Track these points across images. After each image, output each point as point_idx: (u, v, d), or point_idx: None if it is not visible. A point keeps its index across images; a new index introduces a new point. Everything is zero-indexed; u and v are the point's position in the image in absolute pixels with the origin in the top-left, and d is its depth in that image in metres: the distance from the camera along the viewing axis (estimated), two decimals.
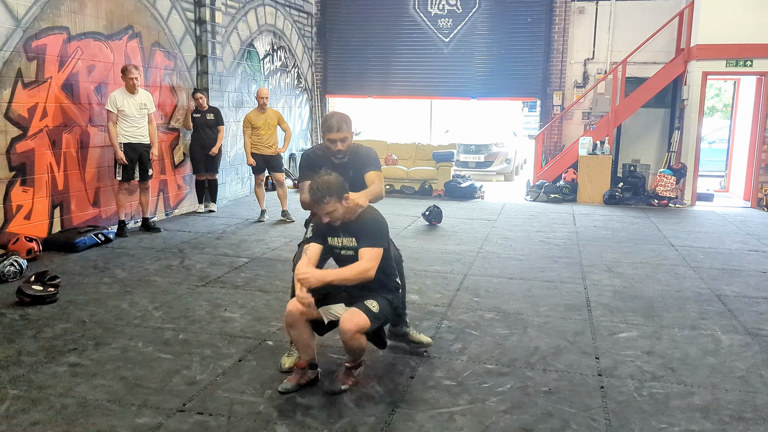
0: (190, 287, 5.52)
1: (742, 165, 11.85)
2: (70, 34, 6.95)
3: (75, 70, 7.05)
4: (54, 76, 6.76)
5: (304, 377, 3.62)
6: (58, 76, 6.81)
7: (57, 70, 6.79)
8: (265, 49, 11.45)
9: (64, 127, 6.94)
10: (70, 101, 7.02)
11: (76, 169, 7.16)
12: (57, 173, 6.89)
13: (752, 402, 3.53)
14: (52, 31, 6.70)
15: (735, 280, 6.06)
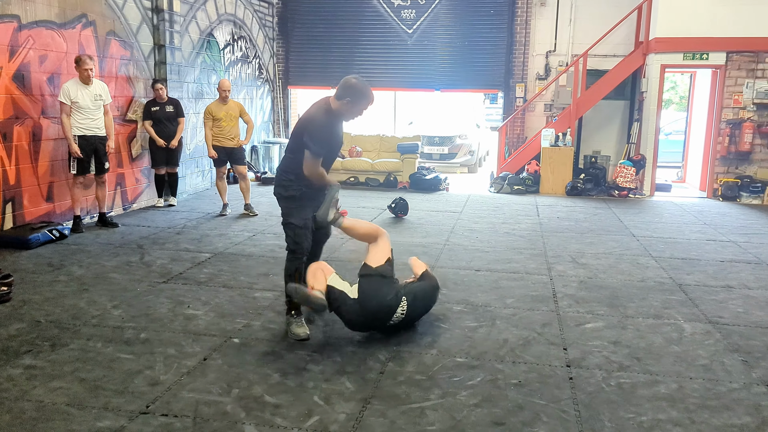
0: (151, 284, 5.37)
1: (698, 156, 12.14)
2: (21, 23, 6.66)
3: (26, 60, 6.76)
4: (4, 67, 6.47)
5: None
6: (8, 67, 6.52)
7: (7, 60, 6.50)
8: (225, 39, 11.22)
9: (15, 120, 6.66)
10: (22, 92, 6.74)
11: (29, 162, 6.89)
12: (8, 167, 6.61)
13: (715, 390, 3.59)
14: (1, 20, 6.41)
15: (695, 269, 6.19)
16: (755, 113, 10.65)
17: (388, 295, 4.13)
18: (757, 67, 10.55)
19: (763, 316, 4.83)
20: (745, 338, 4.37)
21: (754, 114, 10.65)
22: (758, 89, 10.53)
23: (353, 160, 11.84)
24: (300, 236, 4.31)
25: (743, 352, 4.14)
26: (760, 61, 10.52)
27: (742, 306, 5.07)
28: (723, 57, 10.62)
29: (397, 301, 4.15)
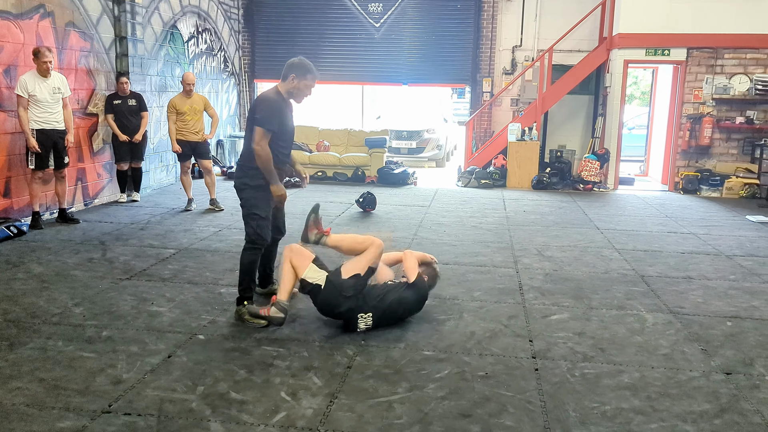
0: (114, 281, 5.26)
1: (660, 150, 12.39)
2: None
3: None
4: None
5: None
6: None
7: None
8: (189, 32, 11.03)
9: None
10: None
11: None
12: None
13: (676, 378, 3.67)
14: None
15: (657, 261, 6.32)
16: (714, 108, 10.90)
17: (341, 307, 4.16)
18: (716, 63, 10.79)
19: (721, 306, 4.95)
20: (705, 328, 4.48)
21: (713, 109, 10.90)
22: (717, 85, 10.78)
23: (321, 155, 11.77)
24: (263, 228, 4.44)
25: (703, 341, 4.24)
26: (719, 57, 10.77)
27: (702, 296, 5.19)
28: (684, 53, 10.84)
29: (353, 315, 4.17)
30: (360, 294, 4.17)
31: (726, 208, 9.60)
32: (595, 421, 3.16)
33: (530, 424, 3.13)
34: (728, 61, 10.77)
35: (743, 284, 5.55)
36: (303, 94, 4.41)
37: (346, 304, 4.15)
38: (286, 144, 4.54)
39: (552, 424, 3.13)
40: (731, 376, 3.71)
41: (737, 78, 10.75)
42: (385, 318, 4.27)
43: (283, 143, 4.50)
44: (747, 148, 10.99)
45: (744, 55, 10.71)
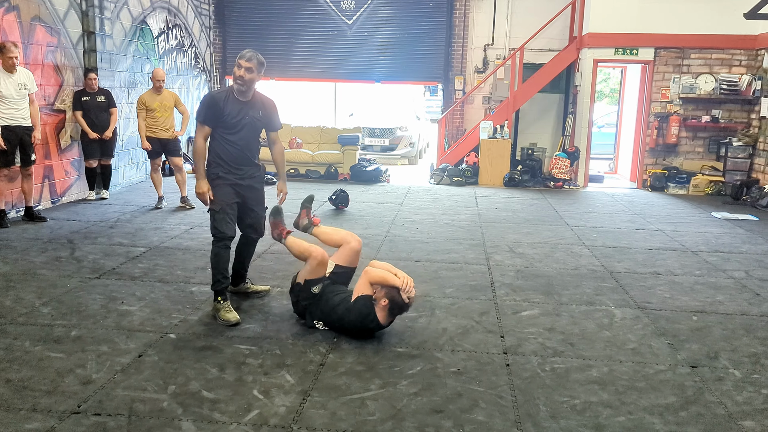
0: (82, 280, 5.18)
1: (628, 148, 12.60)
2: None
3: None
4: None
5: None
6: None
7: None
8: (159, 27, 10.88)
9: None
10: None
11: None
12: None
13: (643, 372, 3.75)
14: None
15: (625, 257, 6.43)
16: (681, 107, 11.12)
17: (299, 312, 4.35)
18: (683, 63, 11.01)
19: (687, 301, 5.07)
20: (671, 322, 4.58)
21: (680, 108, 11.12)
22: (684, 84, 11.00)
23: (293, 152, 11.72)
24: (219, 221, 4.45)
25: (669, 335, 4.33)
26: (686, 57, 10.99)
27: (669, 292, 5.31)
28: (651, 53, 11.03)
29: (310, 321, 4.25)
30: (305, 300, 4.23)
31: (692, 205, 9.82)
32: (564, 415, 3.22)
33: (501, 419, 3.17)
34: (694, 61, 10.99)
35: (708, 279, 5.68)
36: (237, 75, 4.34)
37: (298, 308, 4.32)
38: (235, 139, 4.44)
39: (523, 419, 3.17)
40: (696, 369, 3.80)
41: (703, 77, 10.98)
42: (336, 329, 4.18)
43: (231, 137, 4.43)
44: (712, 147, 11.23)
45: (709, 55, 10.95)
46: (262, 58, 4.45)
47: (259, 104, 4.52)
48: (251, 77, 4.35)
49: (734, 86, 10.80)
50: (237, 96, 4.41)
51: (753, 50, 10.79)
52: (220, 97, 4.42)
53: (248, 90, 4.41)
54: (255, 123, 4.50)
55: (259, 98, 4.55)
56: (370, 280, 4.09)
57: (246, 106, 4.44)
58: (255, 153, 4.62)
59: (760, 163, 10.57)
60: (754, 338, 4.32)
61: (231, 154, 4.46)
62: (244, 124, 4.44)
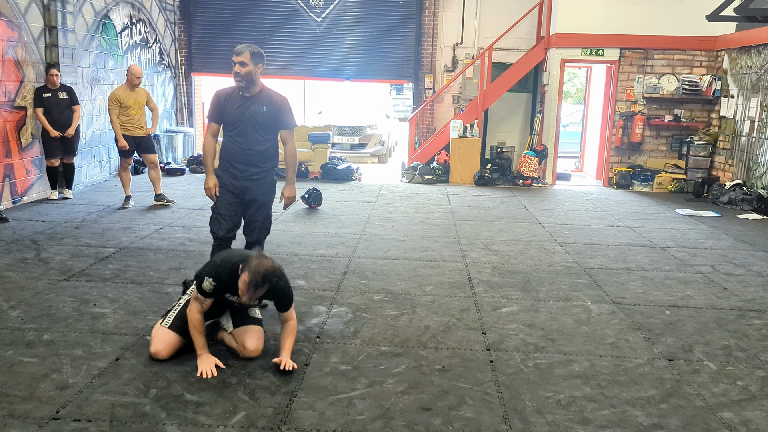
0: (51, 282, 5.02)
1: (594, 147, 12.83)
2: None
3: None
4: None
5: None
6: None
7: None
8: (122, 22, 10.62)
9: None
10: None
11: None
12: None
13: (623, 366, 3.81)
14: None
15: (597, 253, 6.54)
16: (645, 106, 11.37)
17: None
18: (647, 64, 11.25)
19: (660, 296, 5.17)
20: (646, 317, 4.67)
21: (644, 107, 11.37)
22: (647, 84, 11.24)
23: None
24: (212, 220, 4.53)
25: (645, 329, 4.42)
26: (649, 58, 11.23)
27: (641, 287, 5.41)
28: (617, 53, 11.25)
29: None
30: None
31: (657, 202, 10.04)
32: (550, 410, 3.24)
33: (489, 415, 3.18)
34: (657, 61, 11.25)
35: (678, 274, 5.81)
36: (235, 72, 4.28)
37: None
38: (234, 133, 4.43)
39: (510, 414, 3.19)
40: (673, 362, 3.88)
41: (666, 78, 11.24)
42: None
43: (231, 134, 4.44)
44: (675, 145, 11.51)
45: (672, 56, 11.21)
46: (258, 48, 4.33)
47: (266, 99, 4.39)
48: (247, 70, 4.25)
49: (695, 86, 11.09)
50: (241, 92, 4.36)
51: (713, 51, 11.09)
52: (224, 92, 4.40)
53: (250, 84, 4.32)
54: (256, 118, 4.36)
55: (266, 94, 4.42)
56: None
57: (248, 101, 4.36)
58: (259, 151, 4.47)
59: (720, 161, 10.88)
60: (725, 331, 4.43)
61: (229, 152, 4.45)
62: (244, 120, 4.35)
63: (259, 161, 4.49)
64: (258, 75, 4.33)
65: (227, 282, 3.49)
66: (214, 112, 4.43)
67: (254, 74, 4.29)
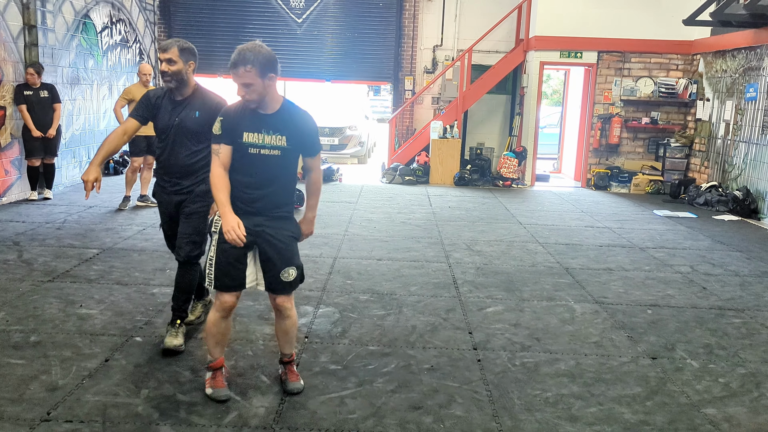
0: (35, 283, 4.97)
1: (572, 148, 13.00)
2: None
3: None
4: None
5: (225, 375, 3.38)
6: None
7: None
8: (102, 22, 10.51)
9: None
10: None
11: None
12: None
13: (608, 364, 3.90)
14: None
15: (578, 254, 6.65)
16: (622, 109, 11.56)
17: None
18: (624, 66, 11.45)
19: (641, 295, 5.28)
20: (628, 316, 4.77)
21: (621, 109, 11.56)
22: (625, 87, 11.44)
23: None
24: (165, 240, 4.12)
25: (628, 328, 4.51)
26: (627, 61, 11.43)
27: (622, 286, 5.52)
28: (595, 56, 11.43)
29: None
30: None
31: (634, 203, 10.22)
32: (539, 408, 3.31)
33: (479, 413, 3.23)
34: (635, 64, 11.45)
35: (658, 274, 5.94)
36: (162, 72, 3.74)
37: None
38: (160, 143, 3.88)
39: (499, 412, 3.25)
40: (656, 360, 3.98)
41: (643, 81, 11.45)
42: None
43: (158, 142, 3.90)
44: (652, 147, 11.73)
45: (649, 59, 11.42)
46: (188, 43, 3.82)
47: (198, 104, 3.79)
48: (176, 68, 3.70)
49: (672, 89, 11.31)
50: (172, 95, 3.81)
51: (689, 55, 11.32)
52: (155, 94, 3.85)
53: (180, 85, 3.75)
54: (186, 125, 3.75)
55: (200, 96, 3.82)
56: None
57: (179, 106, 3.78)
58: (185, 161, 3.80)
59: (696, 162, 11.11)
60: (706, 330, 4.55)
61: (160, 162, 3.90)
62: (170, 123, 3.77)
63: (190, 172, 3.83)
64: (190, 74, 3.78)
65: (234, 112, 3.19)
66: (141, 110, 3.82)
67: (185, 73, 3.74)
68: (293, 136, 3.14)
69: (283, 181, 3.22)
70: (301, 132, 3.17)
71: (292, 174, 3.27)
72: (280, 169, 3.17)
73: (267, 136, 3.12)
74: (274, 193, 3.19)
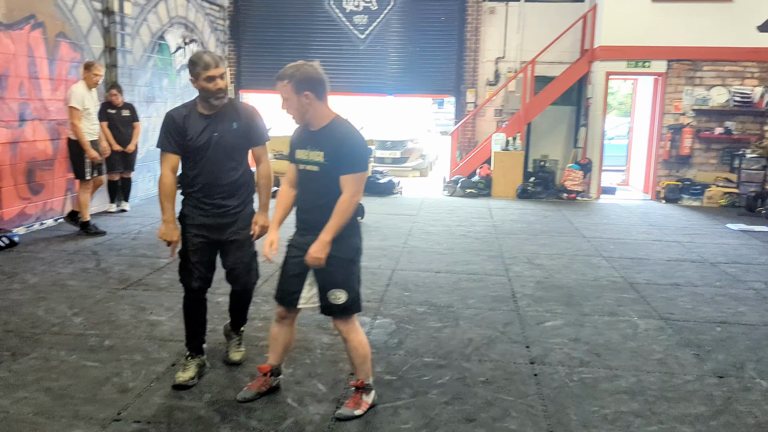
0: (110, 291, 5.26)
1: (641, 160, 12.64)
2: None
3: None
4: None
5: (266, 384, 3.47)
6: None
7: None
8: (176, 42, 11.04)
9: None
10: None
11: None
12: None
13: (671, 382, 3.78)
14: None
15: (644, 268, 6.46)
16: (694, 119, 11.17)
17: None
18: (696, 75, 11.07)
19: (710, 312, 5.09)
20: (695, 333, 4.61)
21: (693, 120, 11.17)
22: (696, 96, 11.05)
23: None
24: (180, 269, 3.68)
25: (694, 346, 4.36)
26: (698, 70, 11.05)
27: (690, 302, 5.34)
28: (664, 65, 11.10)
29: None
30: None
31: (707, 216, 9.83)
32: (596, 425, 3.25)
33: (534, 428, 3.21)
34: (707, 73, 11.05)
35: (729, 291, 5.70)
36: (200, 87, 3.43)
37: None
38: (193, 163, 3.51)
39: (555, 428, 3.21)
40: (723, 379, 3.83)
41: (716, 90, 11.03)
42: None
43: (190, 162, 3.53)
44: (726, 158, 11.26)
45: (722, 67, 11.00)
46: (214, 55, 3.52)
47: (233, 115, 3.54)
48: (226, 84, 3.51)
49: (747, 98, 10.84)
50: (204, 110, 3.51)
51: (766, 62, 10.83)
52: (180, 113, 3.51)
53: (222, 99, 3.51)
54: (226, 139, 3.50)
55: (231, 107, 3.57)
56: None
57: (214, 120, 3.50)
58: (227, 179, 3.55)
59: None
60: None
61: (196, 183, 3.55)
62: (211, 142, 3.48)
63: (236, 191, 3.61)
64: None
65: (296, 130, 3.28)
66: (170, 139, 3.49)
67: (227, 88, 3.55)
68: (331, 153, 3.08)
69: (327, 200, 3.11)
70: (338, 148, 3.07)
71: (340, 193, 3.11)
72: (321, 186, 3.13)
73: (310, 152, 3.14)
74: (320, 212, 3.13)
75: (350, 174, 3.09)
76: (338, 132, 3.14)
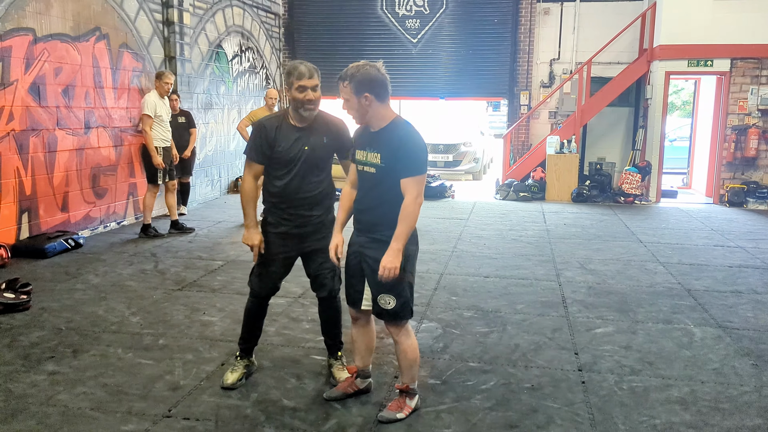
0: (166, 291, 5.45)
1: (703, 162, 12.19)
2: (36, 36, 6.78)
3: (42, 73, 6.88)
4: (20, 79, 6.58)
5: (353, 386, 3.52)
6: (24, 79, 6.64)
7: (23, 73, 6.62)
8: (233, 50, 11.35)
9: (31, 131, 6.77)
10: (38, 104, 6.85)
11: (44, 173, 6.99)
12: (24, 178, 6.72)
13: (727, 393, 3.64)
14: (17, 33, 6.53)
15: (703, 275, 6.24)
16: (760, 119, 10.70)
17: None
18: (761, 74, 10.61)
19: None
20: (755, 342, 4.43)
21: (759, 120, 10.70)
22: (762, 95, 10.59)
23: None
24: (253, 274, 3.75)
25: (754, 356, 4.19)
26: (764, 68, 10.59)
27: (752, 311, 5.12)
28: (727, 64, 10.69)
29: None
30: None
31: None
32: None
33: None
34: None
35: None
36: (296, 97, 3.42)
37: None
38: (281, 174, 3.51)
39: None
40: None
41: None
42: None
43: (278, 172, 3.52)
44: None
45: None
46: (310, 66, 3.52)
47: (324, 128, 3.56)
48: (319, 95, 3.49)
49: None
50: (295, 121, 3.51)
51: None
52: (272, 124, 3.51)
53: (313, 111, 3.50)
54: (317, 153, 3.53)
55: (322, 121, 3.57)
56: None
57: (305, 133, 3.51)
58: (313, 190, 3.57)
59: None
60: None
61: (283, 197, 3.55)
62: (302, 155, 3.50)
63: (320, 202, 3.63)
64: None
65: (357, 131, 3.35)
66: (257, 149, 3.51)
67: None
68: (388, 154, 3.07)
69: (382, 201, 3.12)
70: (395, 150, 3.05)
71: (397, 196, 3.07)
72: (377, 188, 3.13)
73: (369, 154, 3.16)
74: (375, 214, 3.16)
75: (410, 177, 3.05)
76: (396, 134, 3.11)
